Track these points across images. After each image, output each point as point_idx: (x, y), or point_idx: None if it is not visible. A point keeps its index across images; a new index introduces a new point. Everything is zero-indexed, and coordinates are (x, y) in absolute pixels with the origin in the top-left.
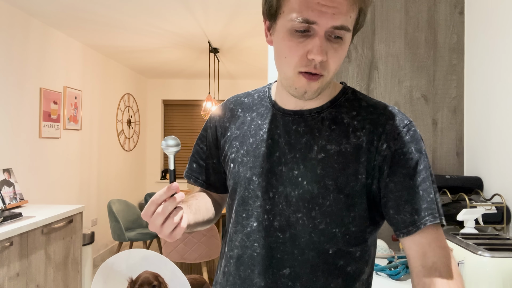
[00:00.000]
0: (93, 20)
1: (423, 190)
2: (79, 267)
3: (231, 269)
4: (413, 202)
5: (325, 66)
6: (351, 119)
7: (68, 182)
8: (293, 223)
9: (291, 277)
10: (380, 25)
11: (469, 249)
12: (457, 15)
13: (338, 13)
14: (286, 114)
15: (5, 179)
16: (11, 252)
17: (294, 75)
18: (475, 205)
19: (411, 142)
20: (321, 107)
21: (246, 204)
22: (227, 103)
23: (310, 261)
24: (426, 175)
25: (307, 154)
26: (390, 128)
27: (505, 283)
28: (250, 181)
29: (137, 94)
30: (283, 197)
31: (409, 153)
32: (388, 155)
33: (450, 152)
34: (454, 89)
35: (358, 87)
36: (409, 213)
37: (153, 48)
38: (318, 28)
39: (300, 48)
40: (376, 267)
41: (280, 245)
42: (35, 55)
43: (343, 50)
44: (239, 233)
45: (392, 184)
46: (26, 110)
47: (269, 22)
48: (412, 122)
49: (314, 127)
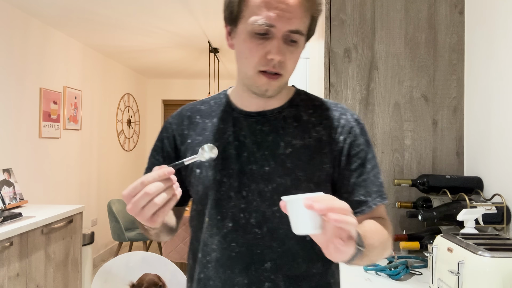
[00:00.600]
0: (93, 20)
1: (373, 175)
2: (79, 267)
3: (209, 273)
4: (365, 186)
5: (283, 66)
6: (309, 116)
7: (68, 182)
8: (269, 217)
9: (273, 270)
10: (380, 25)
11: (469, 249)
12: (457, 15)
13: (294, 17)
14: (249, 116)
15: (5, 179)
16: (11, 252)
17: (255, 74)
18: (475, 205)
19: (361, 134)
20: (281, 107)
21: (220, 206)
22: (183, 111)
23: (291, 250)
24: (374, 163)
25: (275, 151)
26: (344, 122)
27: (505, 283)
28: (221, 183)
29: (137, 94)
30: (257, 194)
31: (361, 144)
32: (344, 147)
33: (450, 152)
34: (454, 89)
35: (358, 87)
36: (363, 195)
37: (153, 48)
38: (276, 31)
39: (260, 49)
40: (376, 267)
41: (259, 241)
42: (35, 55)
43: (298, 52)
44: (215, 236)
45: (347, 171)
46: (26, 110)
47: (230, 27)
48: (359, 116)
49: (278, 126)
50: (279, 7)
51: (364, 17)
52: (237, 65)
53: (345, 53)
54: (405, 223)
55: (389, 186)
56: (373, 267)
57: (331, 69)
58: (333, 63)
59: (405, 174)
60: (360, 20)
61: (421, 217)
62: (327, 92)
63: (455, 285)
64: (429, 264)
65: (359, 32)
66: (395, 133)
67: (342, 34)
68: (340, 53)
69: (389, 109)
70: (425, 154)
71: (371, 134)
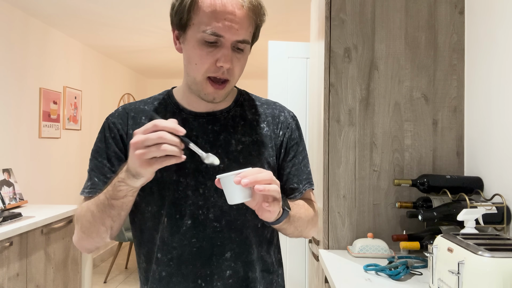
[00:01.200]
0: (93, 20)
1: (303, 165)
2: (79, 268)
3: (172, 270)
4: (297, 175)
5: (230, 72)
6: (252, 115)
7: (68, 182)
8: (227, 211)
9: (232, 258)
10: (380, 25)
11: (469, 249)
12: (457, 15)
13: (241, 28)
14: (199, 116)
15: (5, 179)
16: (11, 252)
17: (203, 80)
18: (475, 205)
19: (296, 129)
20: (228, 107)
21: (178, 205)
22: (126, 110)
23: (248, 239)
24: (304, 154)
25: (228, 148)
26: (283, 119)
27: (506, 283)
28: (178, 183)
29: (137, 94)
30: (213, 190)
31: (296, 138)
32: (284, 141)
33: (450, 152)
34: (455, 89)
35: (358, 87)
36: (296, 183)
37: (153, 48)
38: (225, 41)
39: (210, 56)
40: (376, 267)
41: (219, 233)
42: (35, 55)
43: (244, 59)
44: (175, 234)
45: (284, 163)
46: (26, 110)
47: (178, 32)
48: (294, 114)
49: (227, 125)
50: (228, 18)
51: (364, 17)
52: (185, 69)
53: (345, 53)
54: (405, 223)
55: (389, 186)
56: (373, 267)
57: (331, 69)
58: (333, 63)
59: (405, 174)
60: (360, 20)
61: (421, 217)
62: (327, 92)
63: (455, 285)
64: (429, 264)
65: (359, 32)
66: (395, 133)
67: (342, 34)
68: (340, 53)
69: (389, 109)
70: (425, 154)
71: (371, 134)
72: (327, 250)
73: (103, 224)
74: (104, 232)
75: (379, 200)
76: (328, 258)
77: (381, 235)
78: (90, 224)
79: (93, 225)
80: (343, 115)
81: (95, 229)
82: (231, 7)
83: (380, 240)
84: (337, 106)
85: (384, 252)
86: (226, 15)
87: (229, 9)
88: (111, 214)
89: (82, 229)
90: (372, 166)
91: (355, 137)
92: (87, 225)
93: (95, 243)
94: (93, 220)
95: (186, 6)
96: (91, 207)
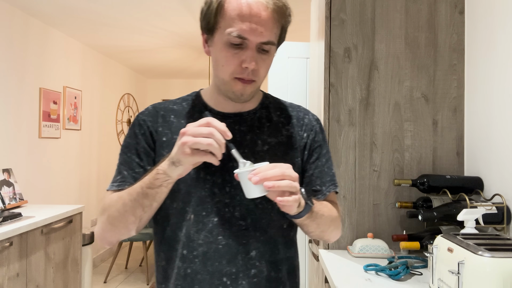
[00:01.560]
0: (93, 20)
1: (327, 167)
2: (79, 268)
3: (196, 268)
4: (320, 177)
5: (256, 73)
6: (277, 117)
7: (67, 182)
8: (252, 210)
9: (257, 257)
10: (380, 25)
11: (469, 249)
12: (457, 15)
13: (265, 30)
14: (227, 117)
15: (5, 179)
16: (11, 252)
17: (231, 80)
18: (475, 205)
19: (320, 132)
20: (255, 109)
21: (205, 202)
22: (156, 109)
23: (273, 238)
24: (328, 156)
25: (254, 148)
26: (308, 121)
27: (506, 283)
28: (205, 180)
29: (137, 94)
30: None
31: (319, 141)
32: (307, 142)
33: (450, 152)
34: (455, 89)
35: (358, 87)
36: (318, 185)
37: (153, 48)
38: (249, 43)
39: (236, 58)
40: (376, 267)
41: (244, 232)
42: (35, 55)
43: (270, 60)
44: (201, 231)
45: (307, 164)
46: (25, 110)
47: (206, 35)
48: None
49: (254, 126)
50: (252, 20)
51: (364, 17)
52: (213, 71)
53: (345, 53)
54: (405, 223)
55: (389, 186)
56: (373, 268)
57: (331, 69)
58: (333, 63)
59: (405, 174)
60: (360, 20)
61: (421, 217)
62: (327, 92)
63: (455, 285)
64: (429, 264)
65: (359, 32)
66: (395, 133)
67: (342, 34)
68: (340, 53)
69: (389, 109)
70: (425, 154)
71: (372, 134)
72: (327, 250)
73: (133, 213)
74: (132, 223)
75: (379, 200)
76: (328, 258)
77: (381, 235)
78: (119, 213)
79: (122, 215)
80: (343, 115)
81: (124, 219)
82: (256, 9)
83: (380, 240)
84: (337, 106)
85: (384, 252)
86: (251, 17)
87: (254, 12)
88: (143, 204)
89: (109, 219)
90: (372, 166)
91: (355, 137)
92: (115, 214)
93: (120, 235)
94: (123, 210)
95: (213, 11)
96: (123, 196)
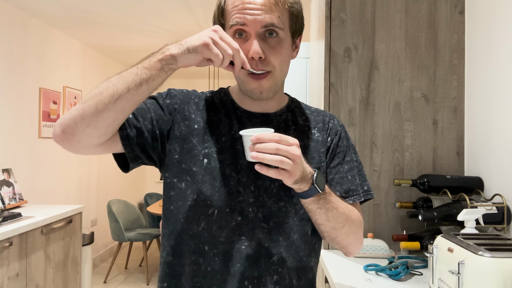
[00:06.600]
0: (93, 20)
1: (351, 176)
2: (79, 268)
3: (216, 267)
4: (341, 183)
5: (266, 63)
6: (303, 121)
7: (67, 182)
8: (275, 212)
9: (280, 263)
10: (380, 25)
11: (469, 249)
12: (457, 15)
13: (263, 13)
14: (254, 116)
15: (5, 179)
16: (11, 252)
17: (245, 77)
18: (475, 205)
19: (345, 138)
20: (281, 111)
21: (229, 199)
22: (191, 95)
23: (294, 244)
24: (353, 165)
25: None
26: (332, 125)
27: (506, 283)
28: (230, 177)
29: None
30: (263, 190)
31: (343, 146)
32: (331, 146)
33: (450, 152)
34: (455, 89)
35: (359, 87)
36: (338, 191)
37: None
38: (249, 30)
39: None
40: (376, 267)
41: (266, 235)
42: (35, 55)
43: (281, 47)
44: (224, 228)
45: (328, 169)
46: (25, 110)
47: None
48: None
49: (280, 127)
50: (247, 7)
51: (364, 17)
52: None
53: (345, 53)
54: (405, 223)
55: (390, 186)
56: (373, 268)
57: (331, 69)
58: (333, 63)
59: (406, 174)
60: (360, 20)
61: (421, 217)
62: (327, 92)
63: (455, 285)
64: (429, 264)
65: (359, 32)
66: (395, 133)
67: (342, 34)
68: (340, 53)
69: (389, 109)
70: (425, 154)
71: (372, 134)
72: (327, 250)
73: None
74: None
75: (379, 200)
76: (328, 258)
77: (381, 235)
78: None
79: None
80: (343, 115)
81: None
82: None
83: (380, 240)
84: (337, 106)
85: (384, 252)
86: (245, 4)
87: None
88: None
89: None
90: (372, 166)
91: (355, 137)
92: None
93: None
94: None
95: (217, 14)
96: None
